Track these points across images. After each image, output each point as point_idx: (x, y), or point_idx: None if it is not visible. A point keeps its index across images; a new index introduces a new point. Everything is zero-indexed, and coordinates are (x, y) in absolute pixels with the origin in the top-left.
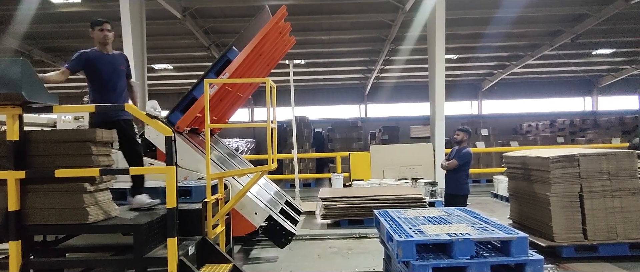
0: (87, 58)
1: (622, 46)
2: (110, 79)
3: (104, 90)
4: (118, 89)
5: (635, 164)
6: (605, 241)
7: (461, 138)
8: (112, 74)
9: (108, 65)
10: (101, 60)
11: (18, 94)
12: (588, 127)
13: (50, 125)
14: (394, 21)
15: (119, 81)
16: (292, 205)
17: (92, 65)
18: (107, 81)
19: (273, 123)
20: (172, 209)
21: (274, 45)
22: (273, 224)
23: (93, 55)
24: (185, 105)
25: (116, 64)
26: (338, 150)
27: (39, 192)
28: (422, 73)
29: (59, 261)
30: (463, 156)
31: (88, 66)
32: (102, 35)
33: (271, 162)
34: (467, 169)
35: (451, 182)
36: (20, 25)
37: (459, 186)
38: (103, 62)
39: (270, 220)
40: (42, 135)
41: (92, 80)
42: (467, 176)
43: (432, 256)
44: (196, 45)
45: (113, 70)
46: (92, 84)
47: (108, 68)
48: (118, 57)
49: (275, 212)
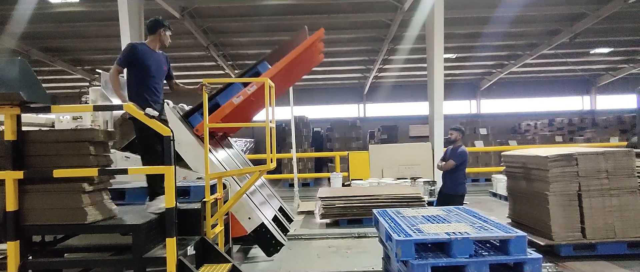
0: (137, 51)
1: (620, 45)
2: (156, 75)
3: (149, 86)
4: (160, 87)
5: (634, 163)
6: (603, 239)
7: (455, 137)
8: (157, 71)
9: (155, 62)
10: (150, 56)
11: (16, 94)
12: (586, 126)
13: (48, 125)
14: (393, 20)
15: (161, 80)
16: (285, 211)
17: (140, 59)
18: (153, 77)
19: (272, 122)
20: (171, 208)
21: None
22: (264, 232)
23: (143, 49)
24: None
25: (161, 63)
26: (337, 149)
27: (37, 192)
28: (420, 72)
29: (57, 261)
30: (459, 155)
31: (136, 59)
32: (164, 38)
33: (270, 161)
34: (464, 168)
35: (448, 182)
36: (18, 25)
37: (456, 185)
38: (152, 58)
39: (262, 227)
40: (40, 135)
41: (136, 74)
42: (465, 175)
43: (431, 255)
44: (195, 45)
45: (158, 67)
46: (135, 77)
47: (155, 65)
48: (163, 57)
49: (269, 220)
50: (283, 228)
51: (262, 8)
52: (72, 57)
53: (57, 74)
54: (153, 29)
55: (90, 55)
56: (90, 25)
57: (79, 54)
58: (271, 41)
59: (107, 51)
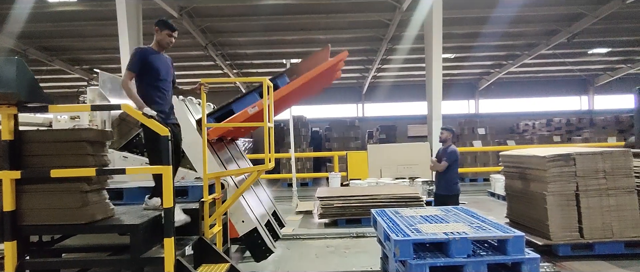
0: (147, 54)
1: (618, 45)
2: (165, 78)
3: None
4: (169, 90)
5: (631, 163)
6: (601, 239)
7: (445, 137)
8: (166, 74)
9: (164, 65)
10: (159, 59)
11: (13, 93)
12: (584, 126)
13: (46, 125)
14: (392, 20)
15: (169, 83)
16: (278, 216)
17: (150, 63)
18: (163, 80)
19: (270, 122)
20: (168, 208)
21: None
22: (256, 237)
23: (151, 52)
24: (220, 115)
25: (168, 66)
26: (335, 149)
27: (35, 192)
28: (419, 72)
29: (55, 262)
30: (450, 154)
31: (146, 62)
32: (169, 40)
33: (268, 161)
34: (456, 168)
35: (442, 183)
36: (16, 24)
37: (450, 186)
38: (160, 62)
39: (255, 232)
40: (37, 135)
41: (146, 78)
42: (457, 174)
43: (429, 255)
44: (193, 45)
45: (167, 70)
46: (146, 81)
47: (164, 68)
48: (169, 60)
49: (262, 226)
50: (274, 233)
51: (261, 8)
52: (70, 57)
53: (55, 74)
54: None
55: (89, 54)
56: (88, 24)
57: (77, 53)
58: (270, 41)
59: (105, 50)
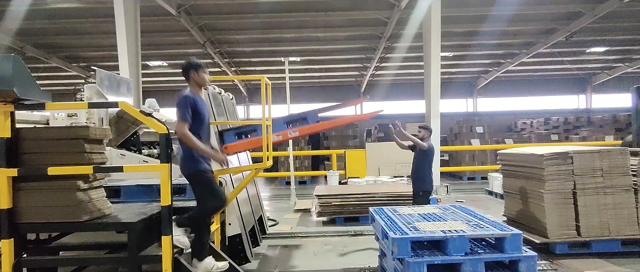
0: (195, 102)
1: (615, 44)
2: (207, 121)
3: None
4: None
5: (628, 162)
6: (598, 237)
7: (423, 135)
8: (207, 115)
9: (206, 107)
10: (202, 104)
11: (10, 91)
12: (582, 125)
13: (43, 122)
14: (390, 19)
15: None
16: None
17: (196, 110)
18: (207, 124)
19: (268, 120)
20: (166, 206)
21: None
22: (237, 242)
23: (196, 99)
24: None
25: (207, 106)
26: (334, 147)
27: (32, 190)
28: (417, 71)
29: (52, 259)
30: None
31: (195, 110)
32: (206, 78)
33: (266, 159)
34: (430, 164)
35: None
36: (13, 21)
37: (425, 182)
38: (203, 105)
39: (238, 237)
40: (34, 132)
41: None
42: (431, 172)
43: (427, 253)
44: (191, 42)
45: (207, 112)
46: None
47: (205, 111)
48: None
49: (246, 233)
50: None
51: (259, 5)
52: (67, 54)
53: (52, 71)
54: (185, 74)
55: (86, 52)
56: (85, 21)
57: (74, 50)
58: (268, 38)
59: (102, 48)
